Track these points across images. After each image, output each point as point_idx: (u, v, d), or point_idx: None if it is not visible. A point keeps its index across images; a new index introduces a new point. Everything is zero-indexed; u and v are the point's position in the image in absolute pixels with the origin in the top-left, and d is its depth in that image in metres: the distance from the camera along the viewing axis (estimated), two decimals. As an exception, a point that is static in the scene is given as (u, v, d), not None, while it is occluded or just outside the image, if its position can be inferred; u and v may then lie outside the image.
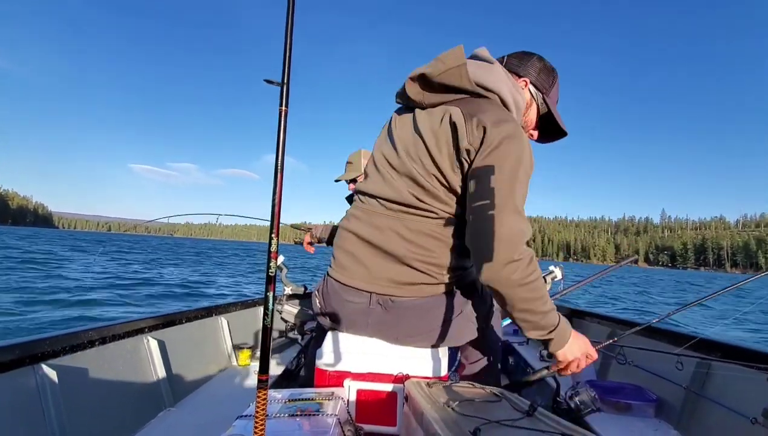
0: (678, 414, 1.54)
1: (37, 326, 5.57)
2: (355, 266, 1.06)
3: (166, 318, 1.76)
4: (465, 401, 0.80)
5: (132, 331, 1.54)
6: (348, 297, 1.06)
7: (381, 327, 1.05)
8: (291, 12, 0.55)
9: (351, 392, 1.03)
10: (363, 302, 1.05)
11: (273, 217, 0.57)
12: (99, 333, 1.38)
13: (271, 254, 0.56)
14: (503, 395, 0.85)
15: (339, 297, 1.08)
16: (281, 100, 0.58)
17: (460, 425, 0.67)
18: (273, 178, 0.57)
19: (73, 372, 1.26)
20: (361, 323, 1.06)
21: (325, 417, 0.80)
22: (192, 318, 1.96)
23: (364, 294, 1.04)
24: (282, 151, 0.57)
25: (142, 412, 1.48)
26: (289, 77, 0.58)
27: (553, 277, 3.05)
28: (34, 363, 1.14)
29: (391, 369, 1.03)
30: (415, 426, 0.82)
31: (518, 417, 0.71)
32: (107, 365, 1.40)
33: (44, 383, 1.15)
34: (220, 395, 1.79)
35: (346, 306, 1.07)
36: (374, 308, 1.04)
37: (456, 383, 0.96)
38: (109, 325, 1.45)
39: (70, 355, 1.27)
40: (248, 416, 0.79)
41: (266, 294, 0.56)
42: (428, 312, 1.04)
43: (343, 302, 1.07)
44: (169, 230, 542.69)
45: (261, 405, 0.53)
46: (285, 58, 0.57)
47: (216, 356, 2.11)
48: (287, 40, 0.56)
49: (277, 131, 0.58)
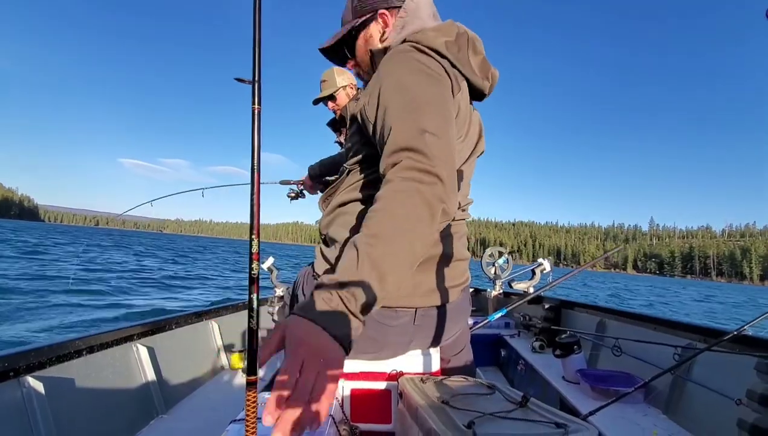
0: (666, 399, 1.57)
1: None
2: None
3: (155, 325, 1.73)
4: (459, 395, 0.80)
5: (120, 339, 1.51)
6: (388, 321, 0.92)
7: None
8: (258, 10, 0.55)
9: (345, 391, 1.02)
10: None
11: (252, 217, 0.57)
12: (86, 342, 1.35)
13: (252, 256, 0.55)
14: (496, 388, 0.86)
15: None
16: (253, 98, 0.57)
17: (454, 419, 0.67)
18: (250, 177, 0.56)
19: (60, 383, 1.23)
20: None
21: (319, 417, 0.80)
22: (182, 323, 1.93)
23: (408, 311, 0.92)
24: (258, 151, 0.56)
25: (133, 420, 1.46)
26: (260, 75, 0.57)
27: (542, 269, 3.10)
28: (20, 376, 1.12)
29: (384, 367, 1.03)
30: (410, 422, 0.82)
31: (511, 408, 0.72)
32: (96, 375, 1.37)
33: (31, 396, 1.12)
34: (212, 400, 1.77)
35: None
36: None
37: (449, 378, 0.96)
38: (96, 333, 1.42)
39: (57, 366, 1.24)
40: (242, 420, 0.78)
41: (250, 296, 0.56)
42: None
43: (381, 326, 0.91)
44: (158, 227, 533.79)
45: (251, 407, 0.52)
46: (254, 55, 0.56)
47: (207, 361, 2.08)
48: (255, 38, 0.55)
49: (251, 130, 0.57)
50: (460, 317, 1.05)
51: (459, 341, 1.22)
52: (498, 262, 3.56)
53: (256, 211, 0.57)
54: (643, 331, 1.85)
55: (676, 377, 1.55)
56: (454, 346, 1.21)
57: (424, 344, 1.00)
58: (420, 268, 0.88)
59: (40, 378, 1.16)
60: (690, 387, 1.51)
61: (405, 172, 0.64)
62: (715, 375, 1.42)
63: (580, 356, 1.90)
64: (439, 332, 0.98)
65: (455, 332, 1.07)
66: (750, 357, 1.24)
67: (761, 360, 1.19)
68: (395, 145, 0.68)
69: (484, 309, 3.54)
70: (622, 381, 1.73)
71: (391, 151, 0.68)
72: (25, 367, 1.13)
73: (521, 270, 3.33)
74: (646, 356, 1.73)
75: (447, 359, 1.21)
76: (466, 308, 1.10)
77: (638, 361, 1.75)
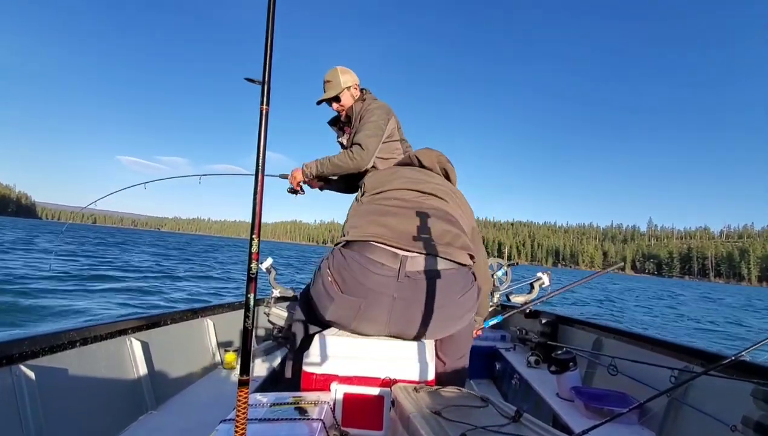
0: (661, 421, 1.56)
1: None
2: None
3: (150, 320, 1.73)
4: (451, 407, 0.80)
5: (115, 332, 1.51)
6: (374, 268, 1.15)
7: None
8: (272, 11, 0.55)
9: (338, 395, 1.02)
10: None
11: (254, 217, 0.57)
12: (80, 334, 1.35)
13: (252, 255, 0.55)
14: (489, 401, 0.85)
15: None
16: (262, 98, 0.57)
17: (446, 431, 0.66)
18: (254, 178, 0.56)
19: (52, 373, 1.22)
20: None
21: (309, 421, 0.79)
22: (177, 320, 1.93)
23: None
24: (263, 151, 0.56)
25: (123, 414, 1.45)
26: (270, 76, 0.57)
27: (540, 283, 3.09)
28: (11, 364, 1.11)
29: (378, 373, 1.02)
30: (402, 431, 0.81)
31: (504, 423, 0.71)
32: (88, 367, 1.36)
33: (21, 385, 1.11)
34: (204, 398, 1.76)
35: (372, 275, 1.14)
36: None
37: (443, 389, 0.95)
38: (91, 326, 1.41)
39: (50, 356, 1.23)
40: (232, 419, 0.78)
41: (247, 296, 0.56)
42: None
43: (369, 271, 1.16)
44: (156, 224, 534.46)
45: (242, 406, 0.52)
46: (265, 56, 0.56)
47: (201, 359, 2.07)
48: (268, 39, 0.56)
49: (258, 130, 0.57)
50: (447, 289, 1.11)
51: (460, 344, 1.22)
52: (497, 274, 3.55)
53: (258, 211, 0.57)
54: (640, 351, 1.84)
55: (671, 400, 1.53)
56: (453, 349, 1.21)
57: (410, 307, 1.10)
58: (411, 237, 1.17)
59: (32, 367, 1.15)
60: (685, 410, 1.50)
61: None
62: (712, 400, 1.41)
63: (576, 373, 1.89)
64: (420, 297, 1.09)
65: (443, 304, 1.11)
66: (747, 383, 1.23)
67: (758, 387, 1.18)
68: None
69: None
70: (616, 401, 1.72)
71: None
72: (18, 355, 1.13)
73: (520, 283, 3.32)
74: (642, 376, 1.71)
75: (444, 362, 1.21)
76: (457, 284, 1.14)
77: (634, 381, 1.74)
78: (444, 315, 1.10)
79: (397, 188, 1.31)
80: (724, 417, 1.27)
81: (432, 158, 1.48)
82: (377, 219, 1.20)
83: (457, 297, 1.12)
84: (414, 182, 1.33)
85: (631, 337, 1.97)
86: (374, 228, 1.17)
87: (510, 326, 3.24)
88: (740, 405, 1.21)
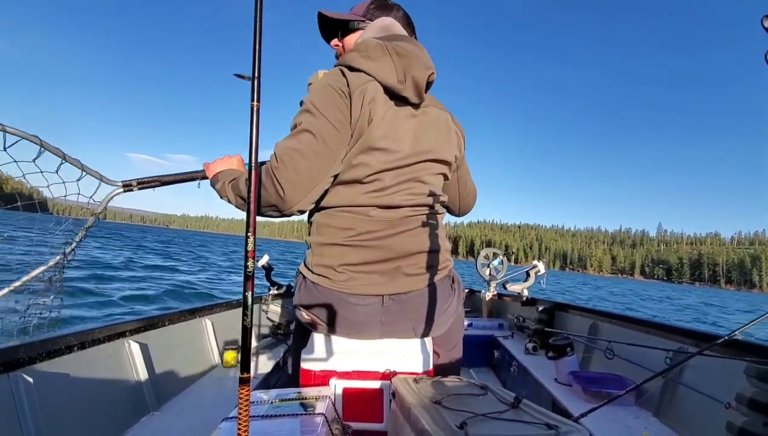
0: (657, 401, 1.59)
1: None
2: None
3: (147, 321, 1.72)
4: (451, 396, 0.81)
5: (112, 335, 1.50)
6: (355, 301, 1.04)
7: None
8: (259, 6, 0.55)
9: (338, 390, 1.02)
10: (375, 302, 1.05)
11: (249, 214, 0.56)
12: (78, 338, 1.34)
13: (248, 253, 0.55)
14: (488, 389, 0.86)
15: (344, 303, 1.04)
16: (252, 95, 0.57)
17: (446, 420, 0.67)
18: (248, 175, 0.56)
19: (50, 379, 1.22)
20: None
21: (312, 416, 0.80)
22: (175, 320, 1.92)
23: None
24: (255, 148, 0.56)
25: (124, 417, 1.45)
26: (259, 71, 0.57)
27: (536, 271, 3.12)
28: (9, 371, 1.10)
29: (377, 367, 1.03)
30: (403, 422, 0.82)
31: (504, 409, 0.72)
32: (87, 371, 1.36)
33: (20, 392, 1.11)
34: (205, 398, 1.76)
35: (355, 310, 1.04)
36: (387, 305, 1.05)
37: (442, 378, 0.96)
38: (88, 329, 1.41)
39: (47, 361, 1.22)
40: (234, 417, 0.78)
41: (244, 294, 0.56)
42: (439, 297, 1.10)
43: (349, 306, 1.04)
44: (165, 221, 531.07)
45: (243, 404, 0.52)
46: (254, 52, 0.56)
47: (201, 358, 2.07)
48: (256, 34, 0.55)
49: (250, 127, 0.57)
50: (435, 304, 1.10)
51: (451, 336, 1.23)
52: (493, 263, 3.58)
53: (253, 209, 0.57)
54: (636, 334, 1.86)
55: (667, 380, 1.56)
56: (446, 340, 1.22)
57: (400, 326, 1.07)
58: (385, 261, 1.05)
59: (30, 373, 1.15)
60: (681, 390, 1.52)
61: None
62: (706, 379, 1.44)
63: (573, 358, 1.92)
64: (412, 316, 1.07)
65: (434, 318, 1.09)
66: (740, 361, 1.25)
67: (751, 364, 1.20)
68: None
69: (478, 311, 3.56)
70: (613, 384, 1.75)
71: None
72: (15, 362, 1.12)
73: (516, 272, 3.34)
74: (638, 359, 1.74)
75: (438, 354, 1.22)
76: (443, 297, 1.12)
77: (630, 364, 1.77)
78: (435, 323, 1.09)
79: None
80: (719, 395, 1.29)
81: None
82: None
83: (444, 308, 1.11)
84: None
85: (627, 320, 2.00)
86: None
87: (507, 314, 3.27)
88: (734, 383, 1.24)
